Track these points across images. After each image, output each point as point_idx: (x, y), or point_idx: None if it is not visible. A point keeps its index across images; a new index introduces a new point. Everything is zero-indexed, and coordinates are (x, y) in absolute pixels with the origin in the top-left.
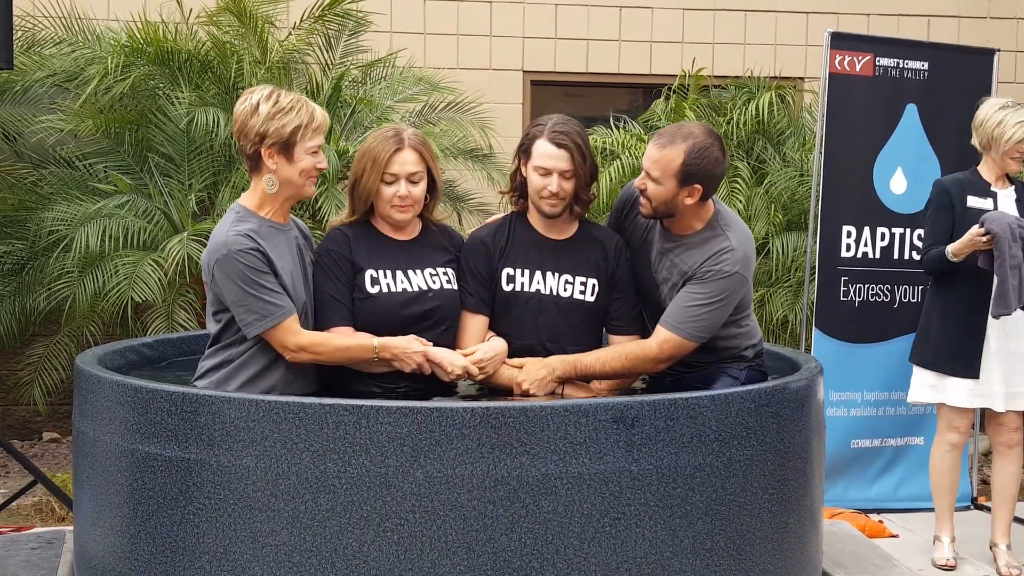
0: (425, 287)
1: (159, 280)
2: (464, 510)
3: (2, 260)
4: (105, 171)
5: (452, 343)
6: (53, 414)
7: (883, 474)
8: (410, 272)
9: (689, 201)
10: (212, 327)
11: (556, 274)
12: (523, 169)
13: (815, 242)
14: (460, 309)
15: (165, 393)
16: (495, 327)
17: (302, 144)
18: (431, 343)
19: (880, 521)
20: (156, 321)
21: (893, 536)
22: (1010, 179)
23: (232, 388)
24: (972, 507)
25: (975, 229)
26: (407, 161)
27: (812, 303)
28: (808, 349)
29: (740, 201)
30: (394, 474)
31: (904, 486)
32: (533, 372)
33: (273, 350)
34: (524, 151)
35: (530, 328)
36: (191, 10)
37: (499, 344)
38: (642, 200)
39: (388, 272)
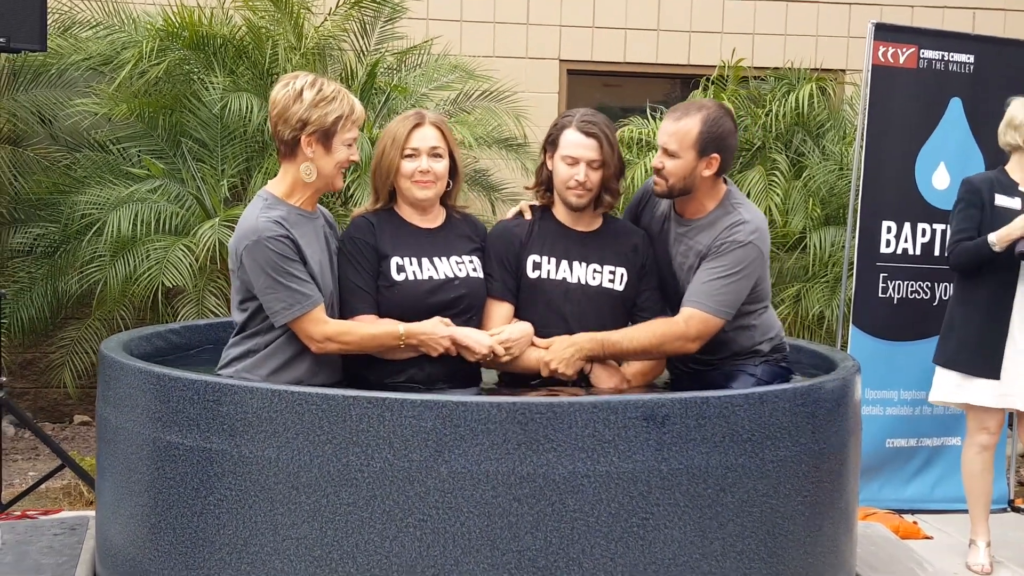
0: (451, 275)
1: (190, 266)
2: (488, 507)
3: (35, 243)
4: (138, 155)
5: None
6: (84, 397)
7: (919, 474)
8: (436, 259)
9: (707, 173)
10: (237, 316)
11: (583, 263)
12: (549, 162)
13: (854, 237)
14: (486, 297)
15: (187, 381)
16: (521, 316)
17: (340, 135)
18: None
19: (915, 522)
20: (187, 307)
21: (927, 538)
22: None
23: (258, 378)
24: (1009, 509)
25: None
26: (427, 136)
27: (850, 299)
28: (845, 346)
29: (778, 194)
30: (418, 468)
31: (940, 487)
32: (560, 350)
33: (300, 340)
34: (551, 142)
35: (556, 317)
36: None
37: (526, 326)
38: (657, 180)
39: (413, 259)
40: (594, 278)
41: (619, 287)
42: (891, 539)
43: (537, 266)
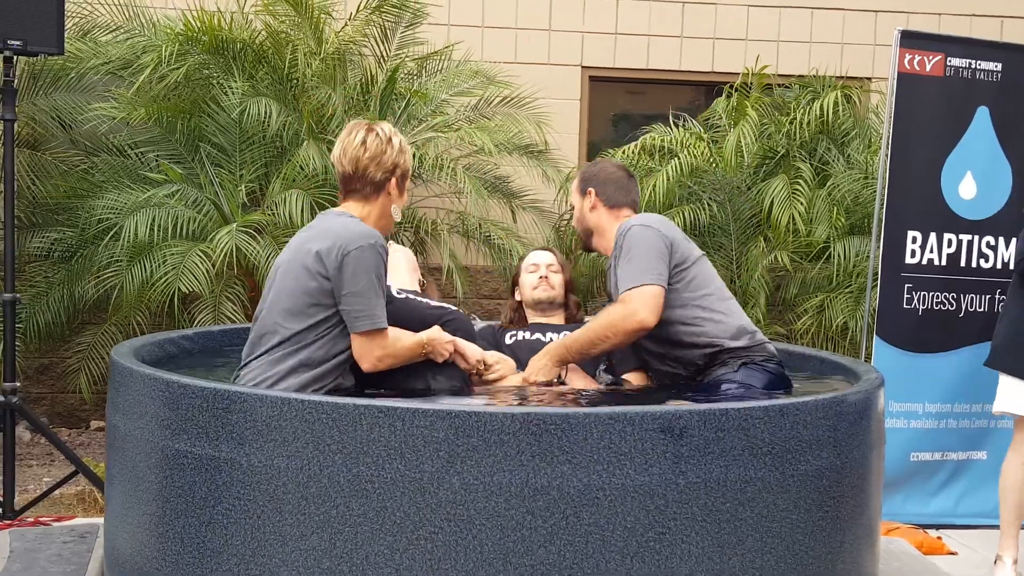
0: (444, 304)
1: (207, 271)
2: (501, 519)
3: (52, 247)
4: (156, 160)
5: None
6: (100, 403)
7: (943, 489)
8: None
9: (589, 206)
10: (292, 323)
11: (557, 333)
12: (516, 292)
13: (878, 247)
14: (469, 330)
15: (197, 389)
16: None
17: (408, 179)
18: None
19: (939, 537)
20: (203, 312)
21: (952, 553)
22: None
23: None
24: None
25: None
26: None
27: (874, 310)
28: (868, 358)
29: (801, 203)
30: (429, 480)
31: (965, 501)
32: (534, 366)
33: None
34: (514, 284)
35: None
36: None
37: (511, 360)
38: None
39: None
40: (565, 335)
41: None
42: (915, 555)
43: (513, 335)
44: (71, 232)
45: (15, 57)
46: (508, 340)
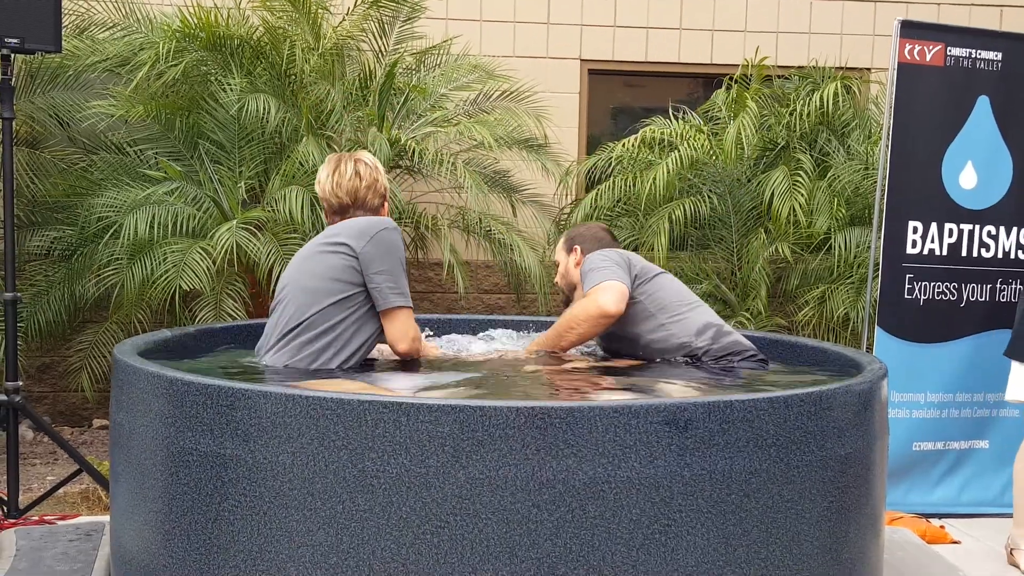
0: None
1: (207, 268)
2: (507, 513)
3: (52, 246)
4: (155, 157)
5: None
6: (102, 401)
7: (946, 478)
8: None
9: (573, 261)
10: (321, 300)
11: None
12: None
13: (879, 238)
14: None
15: (201, 386)
16: None
17: None
18: None
19: (942, 526)
20: (204, 310)
21: (955, 542)
22: None
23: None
24: None
25: None
26: None
27: (875, 301)
28: (870, 348)
29: (802, 194)
30: (435, 474)
31: (968, 490)
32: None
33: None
34: None
35: None
36: None
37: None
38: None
39: None
40: None
41: None
42: (919, 544)
43: None
44: (71, 231)
45: (12, 55)
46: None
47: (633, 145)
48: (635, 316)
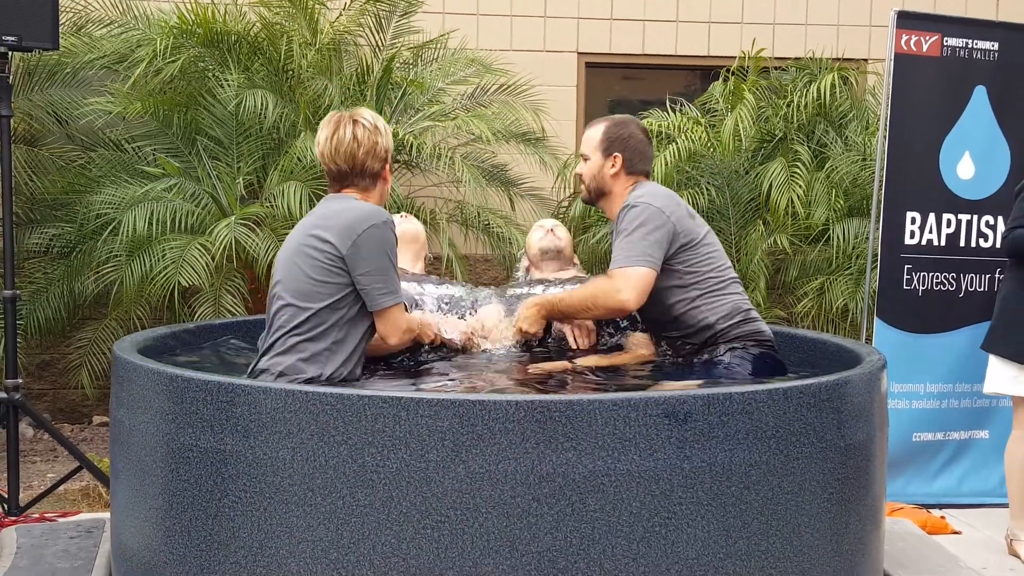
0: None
1: (206, 265)
2: (507, 507)
3: (51, 243)
4: (153, 154)
5: None
6: (102, 398)
7: (946, 468)
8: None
9: (612, 171)
10: (307, 303)
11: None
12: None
13: (878, 229)
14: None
15: (200, 382)
16: None
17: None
18: None
19: (942, 517)
20: (203, 306)
21: (956, 533)
22: None
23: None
24: None
25: None
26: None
27: (874, 292)
28: (869, 339)
29: (800, 186)
30: (435, 469)
31: (968, 481)
32: (523, 311)
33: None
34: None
35: None
36: None
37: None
38: (581, 187)
39: None
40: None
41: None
42: (919, 535)
43: (515, 288)
44: (69, 228)
45: (9, 53)
46: (507, 293)
47: None
48: (665, 290)
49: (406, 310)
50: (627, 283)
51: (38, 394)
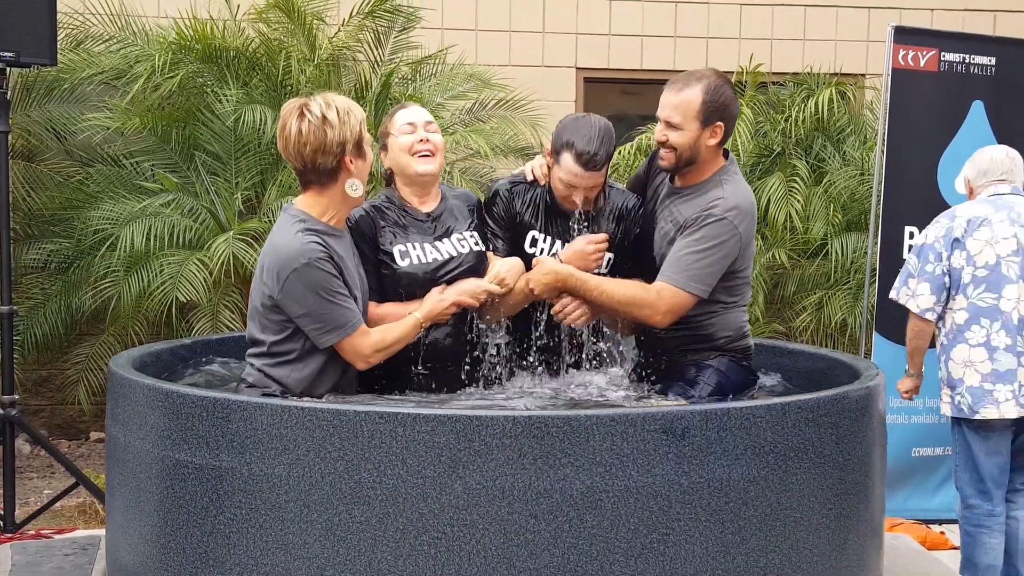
0: (454, 253)
1: (204, 280)
2: (505, 524)
3: (48, 259)
4: (152, 169)
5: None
6: (100, 414)
7: (945, 483)
8: (437, 243)
9: (712, 142)
10: (265, 336)
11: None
12: (550, 163)
13: (876, 243)
14: (486, 268)
15: (196, 398)
16: None
17: (365, 138)
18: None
19: (942, 532)
20: (201, 321)
21: (955, 548)
22: None
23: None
24: None
25: None
26: (418, 111)
27: (872, 306)
28: (868, 354)
29: (798, 201)
30: (431, 485)
31: None
32: (541, 274)
33: (328, 355)
34: (555, 152)
35: None
36: (239, 7)
37: (515, 260)
38: (663, 154)
39: (416, 244)
40: None
41: (604, 270)
42: (919, 551)
43: (535, 242)
44: (67, 243)
45: (8, 69)
46: (528, 247)
47: (629, 152)
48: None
49: (406, 312)
50: (671, 308)
51: (35, 410)
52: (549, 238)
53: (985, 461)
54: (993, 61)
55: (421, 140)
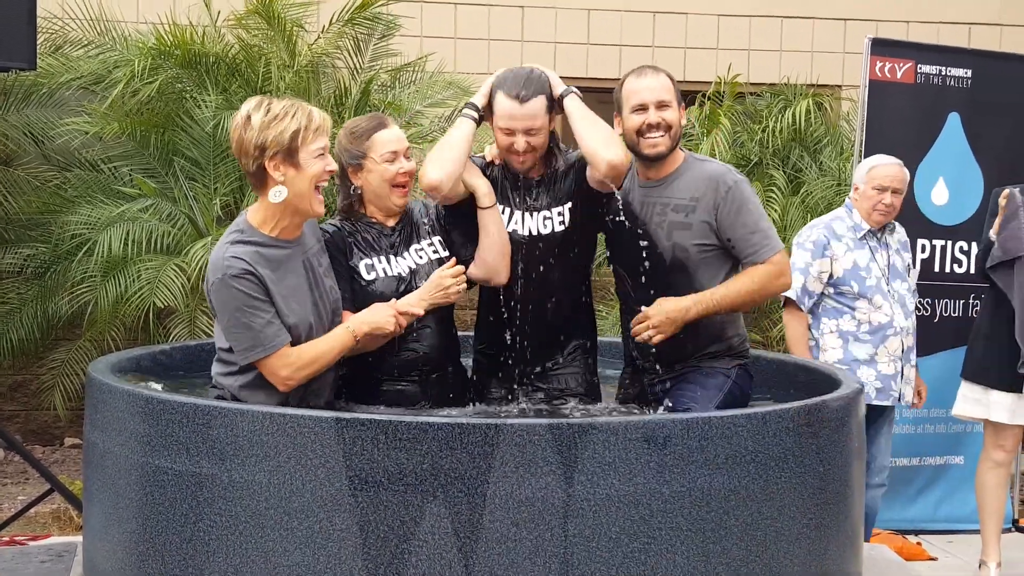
0: (414, 265)
1: (182, 286)
2: (486, 532)
3: (25, 264)
4: (130, 174)
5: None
6: (75, 420)
7: (922, 494)
8: (402, 256)
9: (684, 122)
10: (218, 343)
11: (534, 213)
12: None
13: None
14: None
15: (176, 404)
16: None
17: (305, 148)
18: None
19: (919, 543)
20: (179, 327)
21: (932, 559)
22: None
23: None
24: (1013, 529)
25: None
26: (400, 136)
27: None
28: None
29: (776, 211)
30: (413, 493)
31: (943, 506)
32: (658, 322)
33: None
34: (490, 106)
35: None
36: (219, 12)
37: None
38: (657, 140)
39: (382, 258)
40: (545, 225)
41: (565, 224)
42: (896, 562)
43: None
44: (44, 248)
45: None
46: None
47: None
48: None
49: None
50: (787, 266)
51: (9, 415)
52: (509, 208)
53: None
54: (969, 73)
55: (404, 172)
